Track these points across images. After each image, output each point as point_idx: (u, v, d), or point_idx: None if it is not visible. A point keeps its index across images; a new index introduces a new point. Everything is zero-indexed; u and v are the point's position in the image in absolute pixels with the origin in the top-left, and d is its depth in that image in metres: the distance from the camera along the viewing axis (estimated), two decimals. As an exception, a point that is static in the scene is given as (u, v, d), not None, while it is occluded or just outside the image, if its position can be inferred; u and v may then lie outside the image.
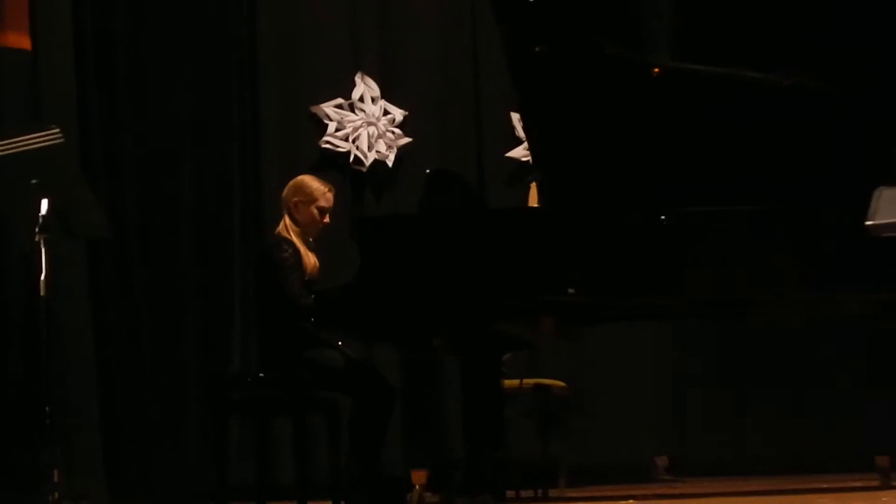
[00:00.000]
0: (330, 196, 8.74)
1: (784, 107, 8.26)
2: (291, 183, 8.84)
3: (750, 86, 8.35)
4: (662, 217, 7.82)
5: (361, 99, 11.19)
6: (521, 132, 10.99)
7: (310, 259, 8.55)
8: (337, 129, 11.02)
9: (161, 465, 9.80)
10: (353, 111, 11.12)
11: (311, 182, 8.78)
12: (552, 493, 8.83)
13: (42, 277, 6.12)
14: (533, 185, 9.40)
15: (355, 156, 11.05)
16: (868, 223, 6.21)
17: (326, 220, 8.68)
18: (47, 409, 7.38)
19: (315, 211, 8.60)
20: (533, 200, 9.32)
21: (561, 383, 9.75)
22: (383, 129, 11.22)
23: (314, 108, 11.03)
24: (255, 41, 10.83)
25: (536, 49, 8.15)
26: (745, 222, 7.89)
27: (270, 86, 10.87)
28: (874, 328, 10.39)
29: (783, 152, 8.14)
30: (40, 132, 6.43)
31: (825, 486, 8.46)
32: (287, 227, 8.59)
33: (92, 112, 9.93)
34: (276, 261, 8.51)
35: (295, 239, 8.53)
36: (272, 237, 8.74)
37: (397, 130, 11.30)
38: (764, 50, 9.54)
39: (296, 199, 8.64)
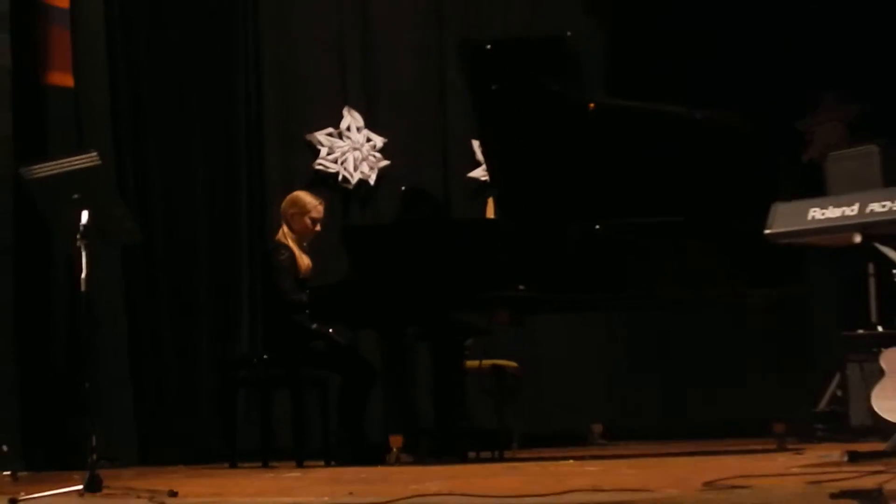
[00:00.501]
0: (321, 208, 8.78)
1: (697, 136, 8.28)
2: (289, 197, 8.91)
3: (669, 118, 8.36)
4: (597, 227, 7.84)
5: (348, 129, 11.15)
6: (480, 156, 10.96)
7: (303, 261, 8.60)
8: (328, 154, 11.00)
9: (182, 430, 9.78)
10: (341, 139, 11.10)
11: (305, 197, 8.82)
12: (506, 454, 8.77)
13: (83, 276, 6.06)
14: (490, 200, 9.40)
15: (343, 175, 11.03)
16: (767, 232, 6.22)
17: (318, 228, 8.73)
18: (87, 384, 7.36)
19: (308, 221, 8.65)
20: (490, 213, 9.33)
21: (513, 364, 9.75)
22: (366, 153, 11.19)
23: (309, 136, 11.01)
24: (260, 79, 10.81)
25: (492, 87, 8.16)
26: (665, 232, 7.92)
27: (273, 117, 10.85)
28: (773, 315, 10.42)
29: (697, 173, 8.15)
30: (81, 155, 6.39)
31: (731, 448, 8.47)
32: (285, 234, 8.64)
33: (125, 139, 9.92)
34: (273, 263, 8.56)
35: (291, 244, 8.58)
36: (272, 243, 8.79)
37: (378, 155, 11.26)
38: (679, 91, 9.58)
39: (292, 210, 8.69)
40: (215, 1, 10.81)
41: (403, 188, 9.42)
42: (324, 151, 11.02)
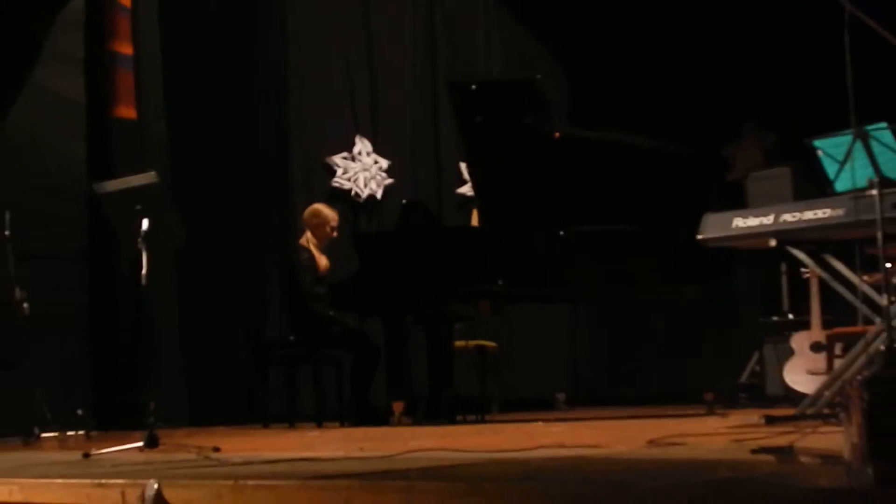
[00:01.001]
0: (337, 218, 8.79)
1: (644, 159, 8.27)
2: (310, 209, 8.89)
3: (622, 145, 8.35)
4: (561, 233, 7.83)
5: (359, 153, 11.13)
6: (466, 175, 10.93)
7: (322, 261, 8.58)
8: (343, 173, 10.98)
9: (223, 398, 9.78)
10: (353, 161, 11.08)
11: (325, 209, 8.82)
12: (487, 417, 8.75)
13: (143, 272, 6.05)
14: (474, 211, 9.37)
15: (355, 191, 11.00)
16: (699, 237, 6.23)
17: (335, 234, 8.71)
18: (146, 361, 7.35)
19: (328, 229, 8.64)
20: (474, 221, 9.31)
21: (493, 344, 9.69)
22: (374, 173, 11.17)
23: (327, 159, 10.97)
24: (288, 112, 10.81)
25: (476, 120, 8.16)
26: (615, 238, 7.91)
27: (297, 144, 10.84)
28: (705, 305, 10.40)
29: (643, 189, 8.14)
30: (142, 174, 6.40)
31: (670, 413, 8.42)
32: (307, 240, 8.62)
33: (177, 160, 9.93)
34: (296, 263, 8.56)
35: (311, 248, 8.56)
36: (296, 246, 8.77)
37: (384, 174, 11.22)
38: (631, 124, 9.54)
39: (315, 221, 8.67)
40: (252, 52, 10.84)
41: (404, 201, 9.43)
42: (339, 171, 11.00)
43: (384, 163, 11.32)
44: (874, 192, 5.37)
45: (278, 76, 10.99)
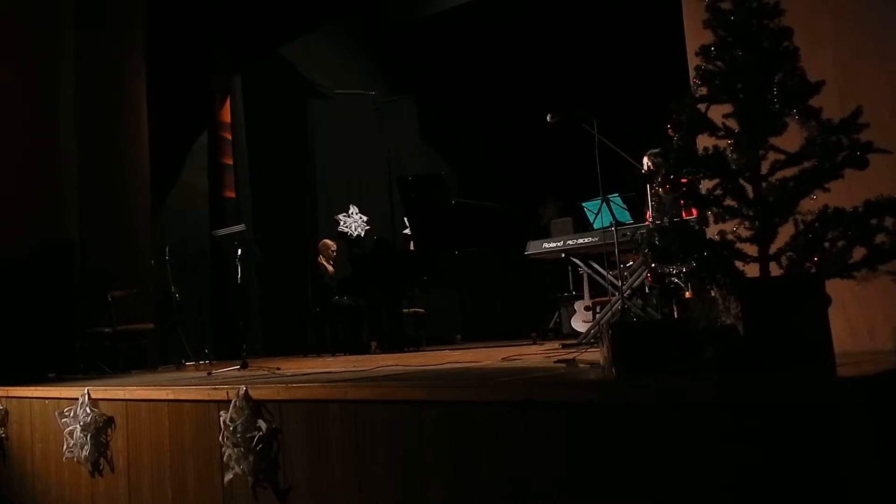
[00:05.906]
0: (335, 246, 8.69)
1: (494, 214, 8.28)
2: (322, 242, 8.79)
3: (484, 207, 8.36)
4: (456, 252, 7.81)
5: (351, 212, 11.08)
6: (407, 224, 10.93)
7: (329, 269, 8.46)
8: (343, 223, 10.93)
9: (282, 340, 9.66)
10: (349, 216, 11.02)
11: (329, 242, 8.74)
12: (420, 348, 8.63)
13: (239, 275, 5.98)
14: (411, 242, 9.33)
15: (350, 232, 10.91)
16: (525, 253, 6.23)
17: (335, 254, 8.63)
18: (240, 323, 7.21)
19: (330, 251, 8.54)
20: (411, 248, 9.28)
21: (422, 310, 9.62)
22: (360, 222, 11.09)
23: (336, 216, 10.91)
24: (315, 192, 10.76)
25: (412, 195, 8.13)
26: (481, 254, 7.90)
27: (320, 209, 10.80)
28: (530, 288, 10.32)
29: (493, 229, 8.14)
30: (237, 225, 6.34)
31: (513, 343, 8.29)
32: (321, 258, 8.50)
33: (257, 216, 9.81)
34: (318, 269, 8.44)
35: (323, 262, 8.44)
36: (316, 262, 8.61)
37: (365, 223, 11.16)
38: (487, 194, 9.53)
39: (323, 248, 8.59)
40: (297, 161, 10.82)
41: (375, 237, 9.32)
42: (342, 222, 10.93)
43: (365, 217, 11.22)
44: (612, 228, 5.44)
45: (310, 173, 10.92)
